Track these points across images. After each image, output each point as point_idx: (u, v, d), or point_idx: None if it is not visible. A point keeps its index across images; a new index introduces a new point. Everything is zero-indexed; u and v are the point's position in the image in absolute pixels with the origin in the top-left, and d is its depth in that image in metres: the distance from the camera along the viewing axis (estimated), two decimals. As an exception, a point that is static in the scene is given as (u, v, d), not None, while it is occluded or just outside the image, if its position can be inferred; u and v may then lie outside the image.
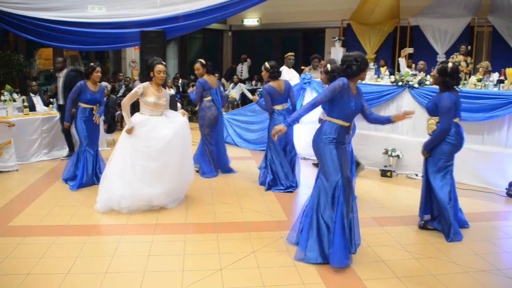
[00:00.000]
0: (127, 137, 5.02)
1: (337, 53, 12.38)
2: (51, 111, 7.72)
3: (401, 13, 12.41)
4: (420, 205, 4.66)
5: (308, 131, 7.28)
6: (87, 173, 5.93)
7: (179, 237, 4.37)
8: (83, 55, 13.01)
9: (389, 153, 6.79)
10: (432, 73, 5.56)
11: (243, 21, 16.15)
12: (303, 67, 9.55)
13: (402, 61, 8.48)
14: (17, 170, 6.70)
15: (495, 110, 6.09)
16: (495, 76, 6.60)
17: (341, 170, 3.74)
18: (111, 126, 8.93)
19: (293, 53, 8.71)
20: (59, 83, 7.29)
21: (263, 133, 8.39)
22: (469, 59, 9.23)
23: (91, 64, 6.06)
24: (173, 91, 11.19)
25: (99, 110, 6.13)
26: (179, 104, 10.88)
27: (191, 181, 5.51)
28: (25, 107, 7.43)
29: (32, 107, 7.74)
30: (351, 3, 12.65)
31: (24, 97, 7.74)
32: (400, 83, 6.88)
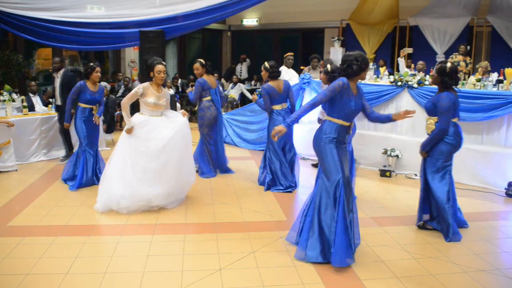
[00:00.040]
0: (127, 137, 5.01)
1: (336, 53, 12.39)
2: (50, 111, 7.71)
3: (400, 13, 12.42)
4: (419, 205, 4.66)
5: (307, 131, 7.30)
6: (87, 173, 5.92)
7: (178, 237, 4.36)
8: (82, 55, 13.01)
9: (388, 153, 6.79)
10: (431, 73, 5.56)
11: (242, 21, 16.16)
12: (302, 67, 9.56)
13: (401, 61, 8.49)
14: (16, 170, 6.70)
15: (494, 110, 6.09)
16: (494, 76, 6.60)
17: (341, 170, 3.74)
18: (110, 126, 8.93)
19: (292, 53, 8.71)
20: (57, 84, 7.27)
21: (262, 133, 8.40)
22: (468, 59, 9.24)
23: (91, 64, 6.06)
24: (172, 91, 11.19)
25: (98, 110, 6.12)
26: (178, 104, 10.88)
27: (193, 183, 5.48)
28: (24, 107, 7.42)
29: (31, 107, 7.74)
30: (350, 3, 12.66)
31: (23, 97, 7.72)
32: (399, 83, 6.88)
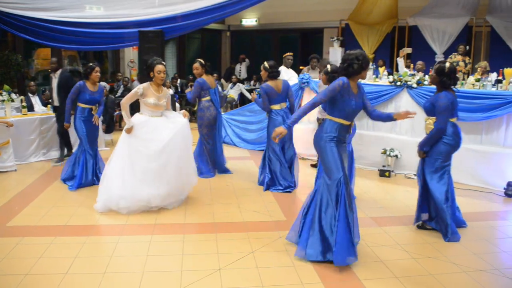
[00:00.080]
0: (127, 137, 5.00)
1: (335, 53, 12.37)
2: (49, 111, 7.71)
3: (399, 13, 12.43)
4: (418, 204, 4.66)
5: (306, 131, 7.31)
6: (86, 173, 5.92)
7: (177, 237, 4.36)
8: (81, 55, 13.01)
9: (387, 153, 6.80)
10: (430, 73, 5.57)
11: (241, 21, 16.16)
12: (301, 67, 9.55)
13: (400, 61, 8.49)
14: (15, 170, 6.70)
15: (493, 110, 6.10)
16: (493, 76, 6.61)
17: (342, 168, 3.75)
18: (109, 126, 8.91)
19: (292, 53, 8.71)
20: (54, 84, 7.24)
21: (261, 133, 8.40)
22: (467, 59, 9.25)
23: (90, 64, 6.05)
24: (171, 91, 11.17)
25: (98, 110, 6.11)
26: (178, 104, 10.88)
27: (194, 184, 5.46)
28: (23, 107, 7.42)
29: (31, 107, 7.74)
30: (349, 3, 12.67)
31: (22, 97, 7.72)
32: (398, 83, 6.89)
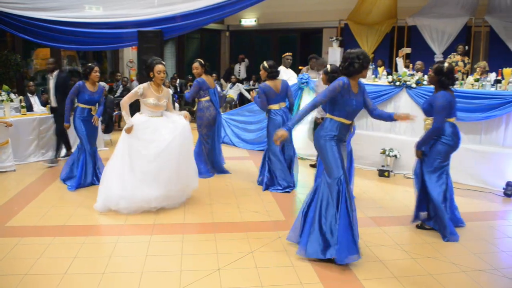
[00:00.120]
0: (127, 137, 4.98)
1: (334, 53, 12.39)
2: (48, 112, 7.70)
3: (398, 13, 12.44)
4: (416, 203, 4.66)
5: (306, 131, 7.31)
6: (86, 173, 5.92)
7: (177, 237, 4.36)
8: (80, 55, 13.01)
9: (386, 153, 6.80)
10: (429, 73, 5.57)
11: (240, 21, 16.16)
12: (300, 67, 9.56)
13: (399, 61, 8.49)
14: (14, 170, 6.69)
15: (492, 110, 6.11)
16: (492, 76, 6.61)
17: (342, 167, 3.74)
18: (108, 126, 8.92)
19: (291, 53, 8.71)
20: (51, 85, 7.21)
21: (261, 133, 8.40)
22: (466, 59, 9.25)
23: (89, 64, 6.04)
24: (171, 91, 11.17)
25: (98, 110, 6.09)
26: (177, 104, 10.88)
27: (195, 187, 5.45)
28: (22, 107, 7.41)
29: (30, 107, 7.73)
30: (348, 3, 12.67)
31: (21, 97, 7.71)
32: (397, 83, 6.89)
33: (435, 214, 4.46)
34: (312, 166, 7.12)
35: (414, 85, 6.74)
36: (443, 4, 11.46)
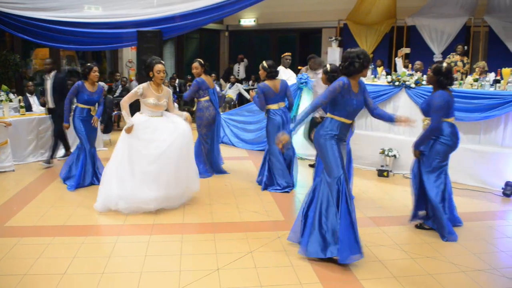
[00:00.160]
0: (127, 137, 4.98)
1: (333, 53, 12.39)
2: (46, 113, 7.69)
3: (397, 13, 12.44)
4: (414, 203, 4.67)
5: (301, 130, 7.29)
6: (85, 173, 5.91)
7: (176, 237, 4.36)
8: (79, 55, 13.00)
9: (385, 153, 6.81)
10: (428, 73, 5.58)
11: (239, 21, 16.16)
12: (300, 67, 9.56)
13: (398, 61, 8.51)
14: (13, 171, 6.68)
15: (491, 110, 6.11)
16: (491, 76, 6.62)
17: (342, 166, 3.74)
18: (107, 126, 8.91)
19: (290, 53, 8.71)
20: (48, 85, 7.19)
21: (260, 133, 8.40)
22: (465, 59, 9.26)
23: (88, 64, 6.03)
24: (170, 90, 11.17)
25: (97, 111, 6.09)
26: (176, 104, 10.86)
27: (195, 190, 5.43)
28: (21, 107, 7.41)
29: (29, 107, 7.72)
30: (347, 3, 12.67)
31: (20, 97, 7.70)
32: (396, 83, 6.89)
33: (434, 214, 4.47)
34: (311, 166, 7.12)
35: (413, 85, 6.74)
36: (442, 4, 11.47)
